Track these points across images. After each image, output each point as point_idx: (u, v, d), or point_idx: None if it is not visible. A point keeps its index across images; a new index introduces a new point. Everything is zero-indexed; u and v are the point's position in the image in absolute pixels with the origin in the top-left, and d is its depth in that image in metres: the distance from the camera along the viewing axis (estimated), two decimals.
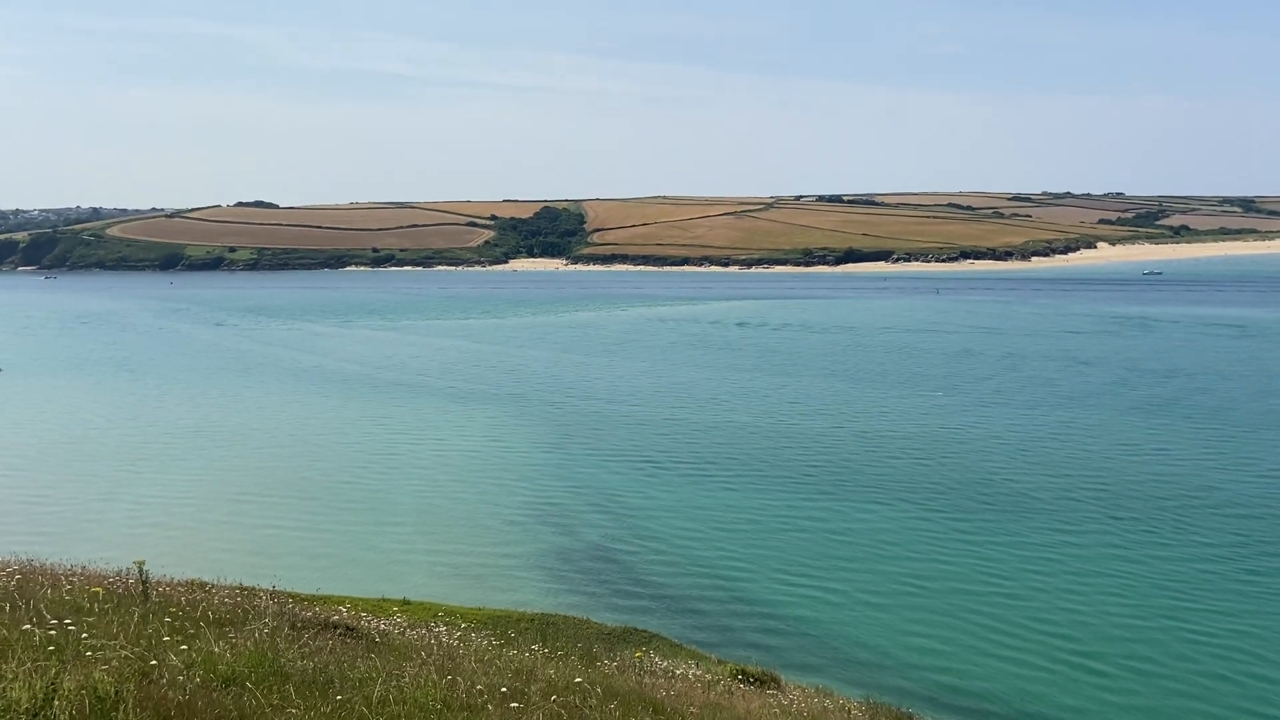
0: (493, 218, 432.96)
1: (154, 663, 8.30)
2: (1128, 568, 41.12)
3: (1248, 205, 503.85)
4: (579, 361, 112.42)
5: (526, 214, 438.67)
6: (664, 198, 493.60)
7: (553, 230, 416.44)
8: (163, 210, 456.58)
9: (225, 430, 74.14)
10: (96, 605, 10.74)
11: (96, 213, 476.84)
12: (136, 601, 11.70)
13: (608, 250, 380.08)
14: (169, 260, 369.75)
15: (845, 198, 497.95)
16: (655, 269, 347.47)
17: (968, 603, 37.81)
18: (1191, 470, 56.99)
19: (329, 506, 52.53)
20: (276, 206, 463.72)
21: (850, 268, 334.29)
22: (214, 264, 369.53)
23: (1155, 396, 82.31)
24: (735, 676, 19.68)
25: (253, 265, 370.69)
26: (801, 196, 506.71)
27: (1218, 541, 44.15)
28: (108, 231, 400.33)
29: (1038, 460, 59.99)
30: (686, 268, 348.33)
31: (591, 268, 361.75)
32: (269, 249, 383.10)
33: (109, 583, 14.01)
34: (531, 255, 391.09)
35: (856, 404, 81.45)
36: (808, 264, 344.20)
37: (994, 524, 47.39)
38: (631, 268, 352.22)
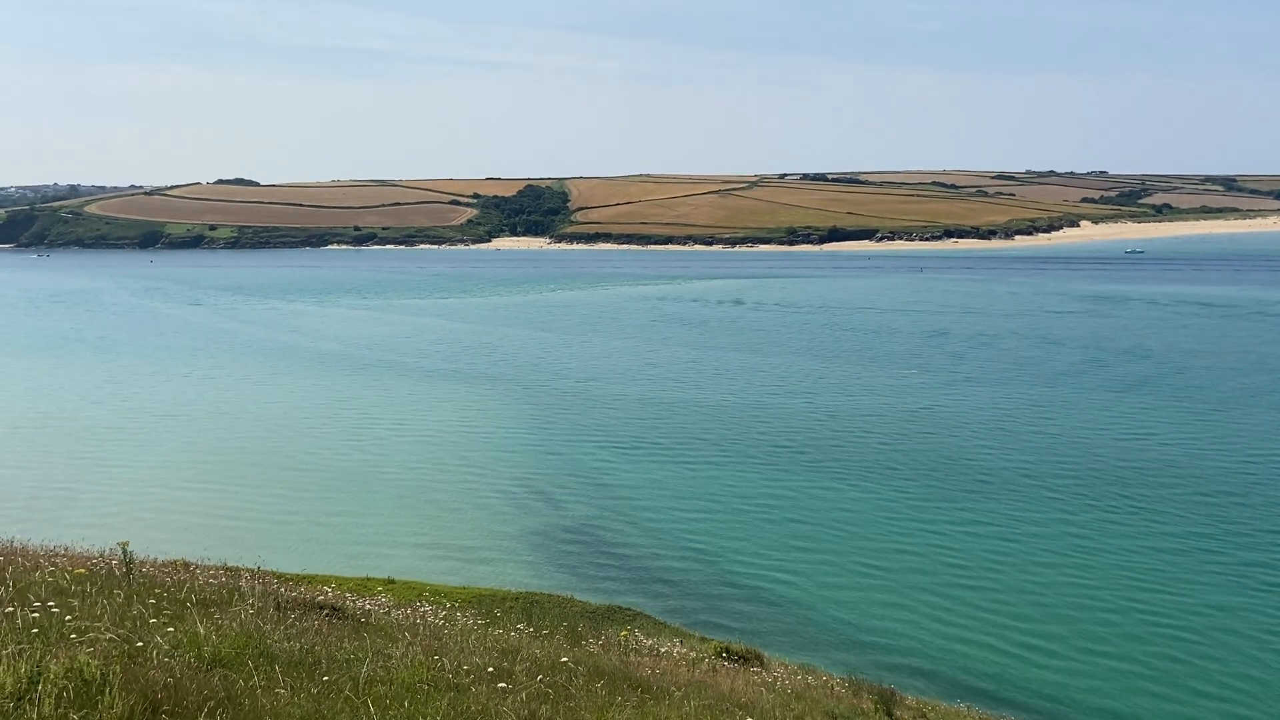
0: (475, 196, 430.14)
1: (140, 644, 8.26)
2: (1100, 545, 41.58)
3: (1229, 184, 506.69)
4: (559, 340, 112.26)
5: (510, 192, 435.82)
6: (648, 176, 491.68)
7: (536, 209, 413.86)
8: (142, 188, 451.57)
9: (204, 409, 73.73)
10: (80, 587, 10.69)
11: (74, 190, 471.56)
12: (120, 583, 11.65)
13: (591, 229, 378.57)
14: (148, 238, 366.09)
15: (830, 176, 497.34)
16: (639, 248, 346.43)
17: (940, 579, 38.15)
18: (1156, 450, 57.40)
19: (310, 486, 52.42)
20: (257, 184, 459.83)
21: (834, 246, 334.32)
22: (194, 242, 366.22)
23: (1126, 376, 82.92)
24: (719, 654, 19.76)
25: (234, 243, 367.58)
26: (786, 175, 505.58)
27: (1177, 522, 44.49)
28: (86, 209, 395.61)
29: (1007, 440, 60.40)
30: (670, 247, 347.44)
31: (575, 246, 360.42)
32: (250, 227, 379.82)
33: (92, 564, 13.94)
34: (515, 234, 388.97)
35: (833, 383, 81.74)
36: (792, 243, 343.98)
37: (969, 501, 47.78)
38: (615, 247, 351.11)
